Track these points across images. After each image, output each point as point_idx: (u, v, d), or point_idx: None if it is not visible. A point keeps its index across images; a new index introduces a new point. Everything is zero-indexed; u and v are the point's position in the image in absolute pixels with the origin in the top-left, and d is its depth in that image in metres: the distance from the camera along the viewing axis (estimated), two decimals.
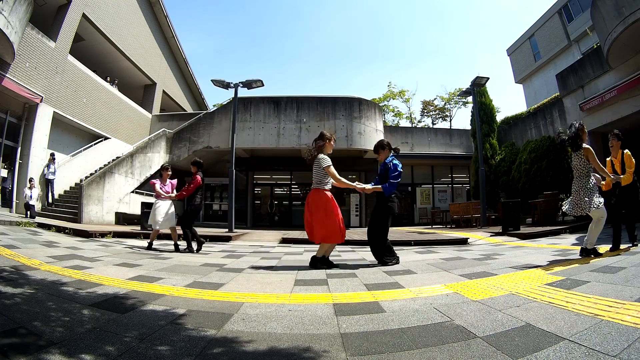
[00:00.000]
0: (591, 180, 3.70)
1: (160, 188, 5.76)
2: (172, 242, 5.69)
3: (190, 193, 5.51)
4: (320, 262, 3.80)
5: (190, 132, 14.13)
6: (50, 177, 10.61)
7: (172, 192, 5.87)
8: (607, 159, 4.55)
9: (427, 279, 3.11)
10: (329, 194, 3.80)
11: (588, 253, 3.75)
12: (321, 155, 3.81)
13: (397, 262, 3.94)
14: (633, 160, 4.26)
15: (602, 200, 3.66)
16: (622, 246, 4.17)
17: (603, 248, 4.10)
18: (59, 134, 11.52)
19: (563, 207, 3.91)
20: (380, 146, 4.11)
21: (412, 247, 6.02)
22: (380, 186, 3.97)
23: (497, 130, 14.67)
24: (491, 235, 7.51)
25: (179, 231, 5.64)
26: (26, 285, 2.60)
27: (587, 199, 3.61)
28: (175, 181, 6.02)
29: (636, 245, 4.27)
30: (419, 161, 16.57)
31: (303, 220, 3.96)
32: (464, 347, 1.56)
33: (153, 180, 5.95)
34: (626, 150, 4.33)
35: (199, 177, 5.53)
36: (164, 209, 5.66)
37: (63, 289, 2.56)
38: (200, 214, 16.49)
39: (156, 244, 6.38)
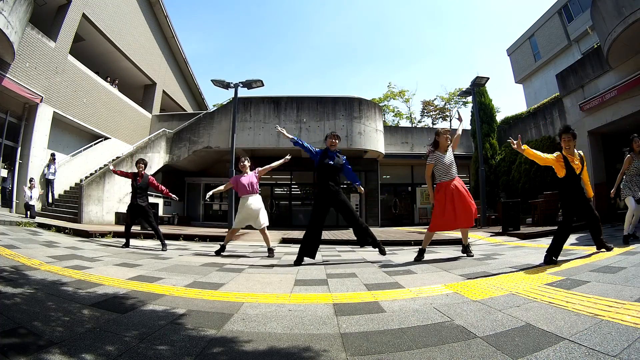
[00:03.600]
0: None
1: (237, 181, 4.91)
2: (221, 245, 5.02)
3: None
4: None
5: (190, 132, 14.13)
6: (51, 177, 10.61)
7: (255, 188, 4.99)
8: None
9: (427, 279, 3.11)
10: None
11: None
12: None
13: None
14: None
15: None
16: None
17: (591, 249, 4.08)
18: (59, 134, 11.52)
19: None
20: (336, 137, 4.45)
21: (412, 247, 6.02)
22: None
23: (497, 130, 14.67)
24: (491, 235, 7.50)
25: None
26: (26, 285, 2.60)
27: None
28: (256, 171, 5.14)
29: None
30: (419, 161, 16.56)
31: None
32: (464, 347, 1.56)
33: (232, 178, 5.10)
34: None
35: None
36: (258, 205, 4.88)
37: (63, 289, 2.56)
38: (201, 214, 16.55)
39: (154, 244, 6.38)
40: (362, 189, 4.86)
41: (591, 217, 3.70)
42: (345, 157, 4.53)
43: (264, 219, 4.89)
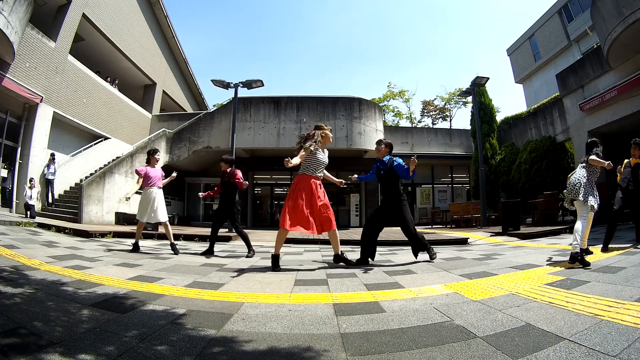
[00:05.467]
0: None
1: (147, 173, 5.10)
2: (168, 242, 5.16)
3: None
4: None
5: (190, 132, 14.14)
6: (50, 177, 10.61)
7: (161, 180, 5.28)
8: (625, 160, 4.72)
9: (427, 279, 3.11)
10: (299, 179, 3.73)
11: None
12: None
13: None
14: None
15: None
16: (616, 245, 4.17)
17: (595, 249, 4.10)
18: (59, 134, 11.52)
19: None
20: (382, 143, 4.24)
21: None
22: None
23: (497, 130, 14.69)
24: (491, 235, 7.51)
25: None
26: (26, 285, 2.60)
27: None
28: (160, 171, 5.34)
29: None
30: (419, 161, 16.40)
31: None
32: (464, 347, 1.56)
33: (141, 168, 5.21)
34: None
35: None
36: (160, 198, 5.14)
37: (63, 289, 2.56)
38: (201, 214, 16.56)
39: (154, 244, 6.38)
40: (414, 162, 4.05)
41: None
42: (397, 159, 4.21)
43: (164, 215, 5.20)
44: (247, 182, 5.05)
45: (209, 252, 5.01)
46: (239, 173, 5.14)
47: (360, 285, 2.91)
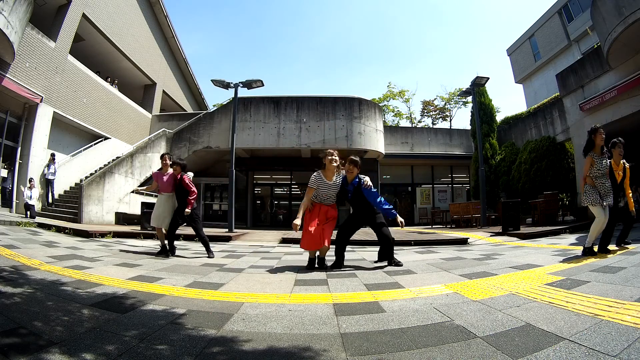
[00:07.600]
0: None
1: (156, 179, 5.12)
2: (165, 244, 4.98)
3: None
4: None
5: (190, 132, 14.14)
6: (50, 177, 10.61)
7: (171, 186, 5.13)
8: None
9: (427, 279, 3.11)
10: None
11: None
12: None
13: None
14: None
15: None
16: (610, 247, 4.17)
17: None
18: (59, 134, 11.52)
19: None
20: (355, 163, 3.87)
21: (412, 247, 6.02)
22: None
23: (497, 130, 14.68)
24: (491, 235, 7.51)
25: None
26: (26, 285, 2.60)
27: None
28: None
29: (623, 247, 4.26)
30: (419, 161, 16.58)
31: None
32: (464, 347, 1.56)
33: (154, 173, 5.22)
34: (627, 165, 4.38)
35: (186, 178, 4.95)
36: (162, 204, 5.06)
37: (63, 289, 2.56)
38: (201, 214, 16.56)
39: (154, 244, 6.39)
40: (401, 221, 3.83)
41: (627, 218, 4.45)
42: (364, 182, 3.86)
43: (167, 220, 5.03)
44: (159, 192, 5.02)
45: (163, 252, 4.80)
46: (186, 179, 4.96)
47: (360, 285, 2.91)
